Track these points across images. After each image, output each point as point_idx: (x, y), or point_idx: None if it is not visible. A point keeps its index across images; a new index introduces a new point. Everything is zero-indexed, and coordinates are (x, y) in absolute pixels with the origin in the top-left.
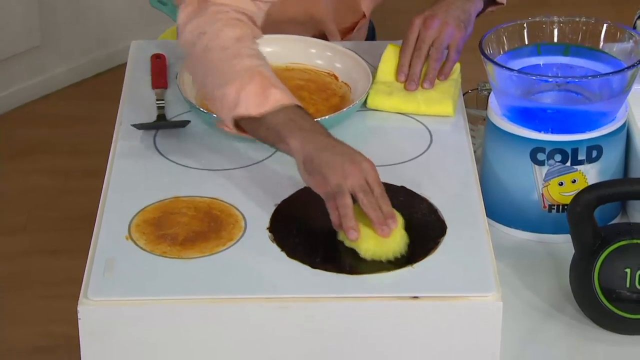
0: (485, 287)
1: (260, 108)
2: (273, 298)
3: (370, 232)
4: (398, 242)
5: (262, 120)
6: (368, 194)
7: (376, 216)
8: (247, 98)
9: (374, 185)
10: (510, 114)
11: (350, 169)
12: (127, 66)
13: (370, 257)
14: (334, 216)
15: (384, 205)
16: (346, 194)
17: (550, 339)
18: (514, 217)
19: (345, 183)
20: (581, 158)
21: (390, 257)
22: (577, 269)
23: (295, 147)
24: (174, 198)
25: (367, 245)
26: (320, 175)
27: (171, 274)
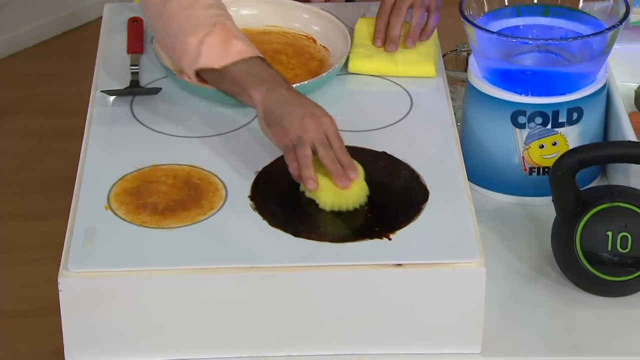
0: (469, 254)
1: (222, 60)
2: (256, 267)
3: (329, 184)
4: (357, 193)
5: (224, 71)
6: (327, 148)
7: (335, 168)
8: (209, 50)
9: (333, 138)
10: (490, 76)
11: (310, 123)
12: (101, 30)
13: (330, 208)
14: (292, 167)
15: (343, 158)
16: (306, 146)
17: (533, 302)
18: (495, 180)
19: (305, 136)
20: (562, 120)
21: (349, 208)
22: (558, 233)
23: (257, 99)
24: (153, 166)
25: (325, 196)
26: (280, 127)
27: (152, 244)
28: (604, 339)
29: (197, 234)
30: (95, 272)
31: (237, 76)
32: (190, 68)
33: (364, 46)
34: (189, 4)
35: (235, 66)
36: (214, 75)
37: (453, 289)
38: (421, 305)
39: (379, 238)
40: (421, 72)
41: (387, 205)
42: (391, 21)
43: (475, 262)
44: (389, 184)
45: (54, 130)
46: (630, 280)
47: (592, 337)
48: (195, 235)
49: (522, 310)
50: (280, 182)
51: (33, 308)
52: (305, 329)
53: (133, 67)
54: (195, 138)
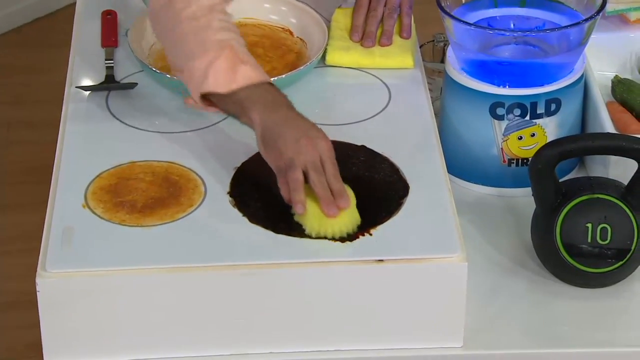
0: (450, 248)
1: (228, 85)
2: (237, 265)
3: (318, 210)
4: (345, 222)
5: (230, 95)
6: (319, 172)
7: (324, 195)
8: (216, 74)
9: (327, 163)
10: (468, 68)
11: (304, 145)
12: (74, 22)
13: (315, 235)
14: (284, 190)
15: (334, 184)
16: (297, 169)
17: (513, 294)
18: (473, 172)
19: (298, 158)
20: (540, 112)
21: (335, 236)
22: (538, 225)
23: (255, 120)
24: (130, 163)
25: (312, 222)
26: (275, 148)
27: (131, 243)
28: (585, 331)
29: (177, 232)
30: (73, 272)
31: (242, 99)
32: (196, 92)
33: (342, 38)
34: (202, 27)
35: (241, 91)
36: (218, 99)
37: (434, 283)
38: (402, 300)
39: (360, 234)
40: (399, 63)
41: (368, 200)
42: (368, 20)
43: (457, 257)
44: (368, 178)
45: (22, 120)
46: (610, 272)
47: (573, 329)
48: (175, 233)
49: (503, 303)
50: (259, 177)
51: (6, 301)
52: (286, 326)
53: (108, 62)
54: (173, 134)
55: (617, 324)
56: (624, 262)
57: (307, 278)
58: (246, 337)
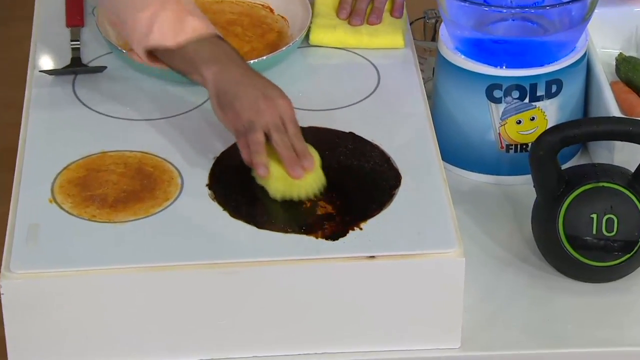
0: (446, 243)
1: (175, 38)
2: (217, 264)
3: (281, 172)
4: (310, 183)
5: (177, 50)
6: (281, 132)
7: (288, 156)
8: (161, 27)
9: (288, 123)
10: (463, 47)
11: (264, 105)
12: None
13: (280, 197)
14: (244, 153)
15: (297, 144)
16: (258, 130)
17: (513, 290)
18: (469, 159)
19: (258, 119)
20: (540, 94)
21: (301, 197)
22: (540, 216)
23: (208, 78)
24: (101, 153)
25: (276, 184)
26: (231, 109)
27: (102, 241)
28: (590, 329)
29: (152, 228)
30: (40, 272)
31: (189, 54)
32: (140, 46)
33: (327, 16)
34: None
35: (188, 44)
36: (165, 54)
37: (430, 281)
38: (396, 299)
39: (349, 228)
40: (388, 43)
41: (357, 192)
42: None
43: (454, 252)
44: (357, 167)
45: None
46: (617, 265)
47: (577, 327)
48: (150, 230)
49: (502, 300)
50: (241, 168)
51: None
52: (272, 328)
53: (73, 43)
54: (146, 121)
55: (624, 321)
56: (631, 255)
57: (293, 276)
58: (228, 341)
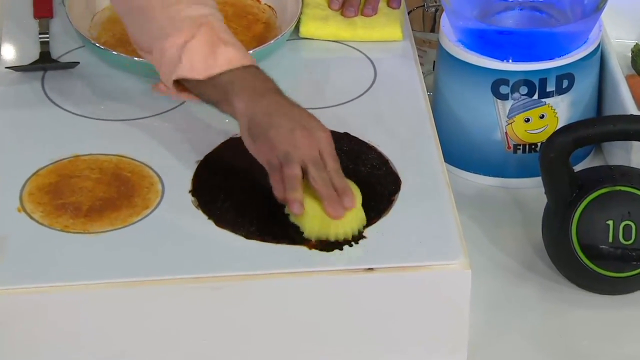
0: (451, 254)
1: (207, 70)
2: (202, 278)
3: (318, 210)
4: (350, 223)
5: (208, 81)
6: (320, 168)
7: (327, 193)
8: (191, 56)
9: (327, 158)
10: (466, 39)
11: (301, 137)
12: None
13: (316, 237)
14: (277, 189)
15: (337, 181)
16: (294, 164)
17: (522, 302)
18: (473, 160)
19: (294, 152)
20: (550, 89)
21: (339, 239)
22: (551, 223)
23: (239, 108)
24: (73, 157)
25: (312, 223)
26: (266, 141)
27: (77, 253)
28: (606, 344)
29: (130, 239)
30: (8, 289)
31: (222, 85)
32: (168, 77)
33: (318, 6)
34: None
35: (221, 76)
36: (195, 85)
37: (433, 294)
38: (398, 313)
39: None
40: (385, 35)
41: None
42: None
43: (459, 263)
44: (353, 171)
45: None
46: (635, 276)
47: (593, 343)
48: (128, 241)
49: (511, 313)
50: (226, 172)
51: None
52: (261, 346)
53: (42, 36)
54: (122, 121)
55: None
56: None
57: (284, 291)
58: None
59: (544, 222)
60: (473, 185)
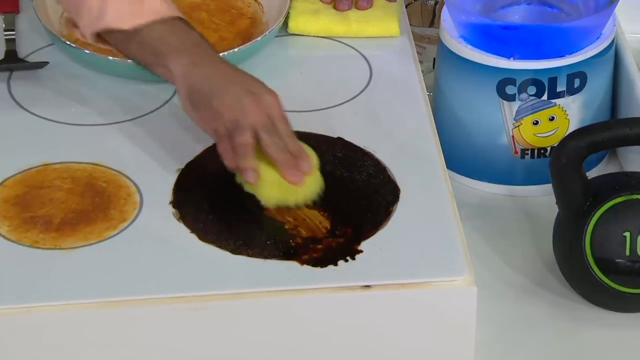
0: (455, 269)
1: (133, 19)
2: (185, 297)
3: (274, 176)
4: (309, 186)
5: (135, 34)
6: (272, 133)
7: (283, 158)
8: (117, 5)
9: (278, 121)
10: (469, 35)
11: (249, 102)
12: None
13: (275, 204)
14: (228, 158)
15: (291, 144)
16: (245, 131)
17: (532, 322)
18: (478, 166)
19: (244, 119)
20: (560, 89)
21: (299, 203)
22: (562, 234)
23: (177, 72)
24: (42, 166)
25: (269, 191)
26: (210, 109)
27: (47, 271)
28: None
29: (106, 255)
30: None
31: (151, 42)
32: (89, 28)
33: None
34: None
35: (149, 29)
36: (120, 38)
37: (436, 313)
38: (397, 334)
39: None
40: (381, 30)
41: (348, 209)
42: None
43: (464, 280)
44: (348, 180)
45: None
46: None
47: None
48: (104, 257)
49: (520, 333)
50: (211, 181)
51: None
52: None
53: (7, 33)
54: (96, 126)
55: None
56: None
57: (275, 311)
58: None
59: (555, 233)
60: (477, 194)
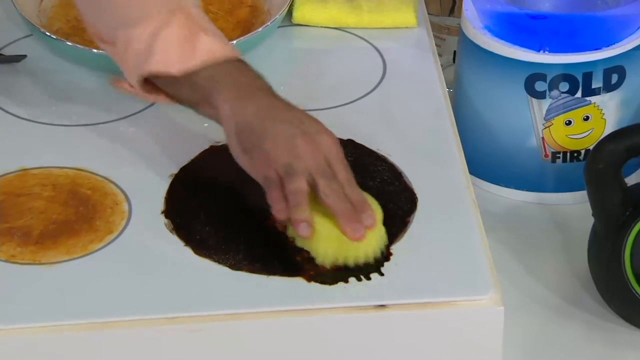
0: (479, 287)
1: (184, 63)
2: (179, 318)
3: (331, 230)
4: (371, 242)
5: (185, 77)
6: (330, 179)
7: (343, 209)
8: (166, 47)
9: (337, 166)
10: (494, 26)
11: (303, 144)
12: None
13: (331, 263)
14: (278, 208)
15: (352, 194)
16: (299, 176)
17: (566, 345)
18: (503, 171)
19: (297, 163)
20: (596, 86)
21: (360, 262)
22: (599, 248)
23: (225, 111)
24: (21, 171)
25: (326, 246)
26: (260, 152)
27: (25, 289)
28: None
29: (91, 271)
30: None
31: (201, 81)
32: (135, 73)
33: None
34: None
35: (201, 72)
36: (168, 82)
37: (459, 336)
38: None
39: None
40: (396, 21)
41: None
42: None
43: (489, 299)
44: (360, 187)
45: None
46: None
47: None
48: (88, 273)
49: (552, 357)
50: (207, 188)
51: None
52: None
53: None
54: (80, 127)
55: None
56: None
57: (279, 333)
58: None
59: (591, 246)
60: (503, 202)
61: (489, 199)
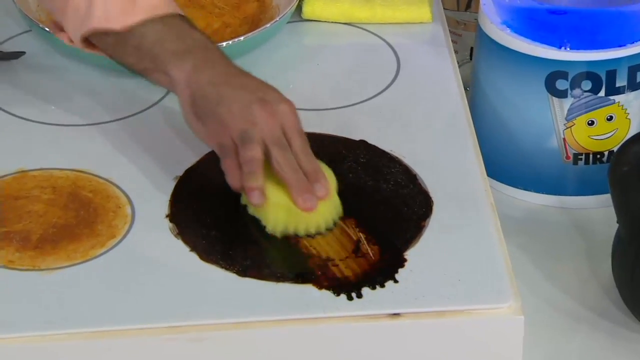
0: (498, 295)
1: (125, 18)
2: (183, 327)
3: (283, 199)
4: (323, 212)
5: (128, 36)
6: (285, 148)
7: (295, 179)
8: (105, 2)
9: (293, 135)
10: (513, 21)
11: (260, 112)
12: None
13: (281, 232)
14: (232, 176)
15: (306, 163)
16: (254, 144)
17: (588, 356)
18: (523, 174)
19: (253, 130)
20: (620, 84)
21: (310, 232)
22: (623, 254)
23: (178, 78)
24: (19, 173)
25: (276, 215)
26: (215, 119)
27: (24, 296)
28: None
29: (92, 278)
30: None
31: (148, 44)
32: (76, 29)
33: None
34: None
35: (144, 28)
36: (111, 41)
37: (477, 346)
38: None
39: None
40: (410, 15)
41: (373, 224)
42: None
43: (508, 307)
44: (372, 189)
45: None
46: None
47: None
48: (89, 280)
49: None
50: (214, 191)
51: None
52: None
53: None
54: (81, 127)
55: None
56: None
57: (288, 343)
58: None
59: (615, 253)
60: (523, 206)
61: (507, 202)
